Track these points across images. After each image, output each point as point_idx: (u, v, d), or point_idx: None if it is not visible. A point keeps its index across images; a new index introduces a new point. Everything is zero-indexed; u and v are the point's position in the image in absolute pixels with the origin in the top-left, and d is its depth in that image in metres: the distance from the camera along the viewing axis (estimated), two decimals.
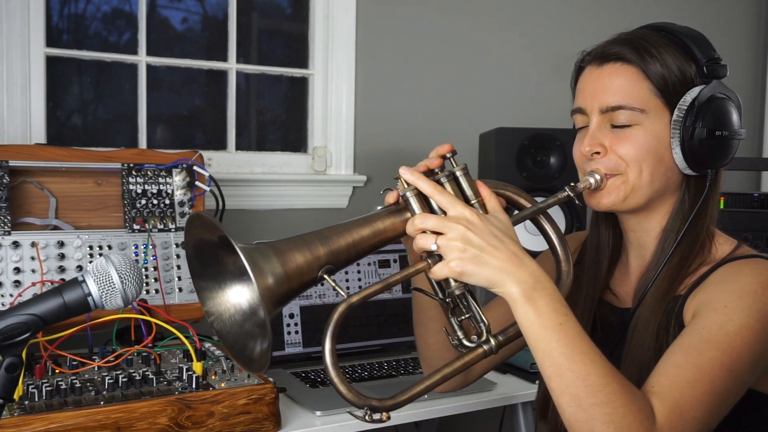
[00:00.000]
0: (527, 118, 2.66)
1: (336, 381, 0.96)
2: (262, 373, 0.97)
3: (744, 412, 1.10)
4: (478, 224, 1.00)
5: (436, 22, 2.63)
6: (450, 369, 1.04)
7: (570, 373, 0.97)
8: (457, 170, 1.08)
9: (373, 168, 2.52)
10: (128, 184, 1.87)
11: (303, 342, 1.96)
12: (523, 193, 1.16)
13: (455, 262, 0.99)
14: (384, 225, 1.05)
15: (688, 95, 1.13)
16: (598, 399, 0.95)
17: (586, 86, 1.20)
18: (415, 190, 1.04)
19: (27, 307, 1.00)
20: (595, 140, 1.16)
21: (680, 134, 1.13)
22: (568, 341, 0.98)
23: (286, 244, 0.98)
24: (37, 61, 2.09)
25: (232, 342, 1.02)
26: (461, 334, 1.07)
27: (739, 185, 3.30)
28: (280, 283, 0.94)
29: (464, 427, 2.63)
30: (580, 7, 2.89)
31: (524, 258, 1.01)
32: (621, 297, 1.27)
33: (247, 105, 2.52)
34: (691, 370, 1.01)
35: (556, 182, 2.22)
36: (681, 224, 1.17)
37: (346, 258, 1.02)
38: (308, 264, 0.98)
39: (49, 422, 1.31)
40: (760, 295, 1.06)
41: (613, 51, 1.16)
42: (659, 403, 0.98)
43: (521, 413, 1.94)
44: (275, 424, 1.51)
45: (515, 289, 0.99)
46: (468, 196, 1.07)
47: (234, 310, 1.02)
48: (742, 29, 3.30)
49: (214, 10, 2.45)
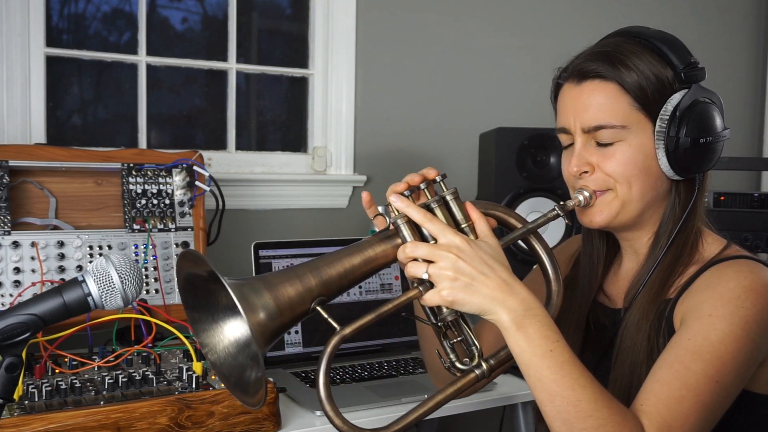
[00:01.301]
0: (527, 118, 2.66)
1: (331, 414, 0.97)
2: (258, 407, 0.97)
3: (738, 413, 1.11)
4: (469, 252, 1.01)
5: (436, 23, 2.63)
6: (442, 396, 1.04)
7: (561, 399, 0.98)
8: (447, 194, 1.08)
9: (373, 168, 2.52)
10: (128, 184, 1.87)
11: (303, 342, 1.96)
12: (512, 213, 1.16)
13: (446, 291, 1.00)
14: (375, 252, 1.05)
15: (668, 104, 1.13)
16: (589, 424, 0.97)
17: (566, 106, 1.19)
18: (405, 217, 1.04)
19: (27, 307, 1.00)
20: (582, 160, 1.16)
21: (665, 144, 1.13)
22: (558, 368, 0.99)
23: (277, 278, 0.98)
24: (37, 61, 2.09)
25: (226, 374, 1.01)
26: (453, 356, 1.08)
27: (739, 185, 3.30)
28: (272, 318, 0.94)
29: (464, 427, 2.63)
30: (579, 7, 2.89)
31: (514, 285, 1.02)
32: (612, 298, 1.28)
33: (247, 105, 2.52)
34: (677, 386, 1.02)
35: (556, 182, 2.22)
36: (672, 227, 1.17)
37: (338, 288, 1.02)
38: (300, 297, 0.98)
39: (48, 422, 1.31)
40: (743, 300, 1.06)
41: (591, 68, 1.15)
42: (648, 422, 1.00)
43: (521, 413, 1.94)
44: (275, 424, 1.51)
45: (506, 317, 1.00)
46: (458, 220, 1.07)
47: (228, 342, 1.02)
48: (742, 29, 3.30)
49: (214, 10, 2.45)
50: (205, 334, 1.02)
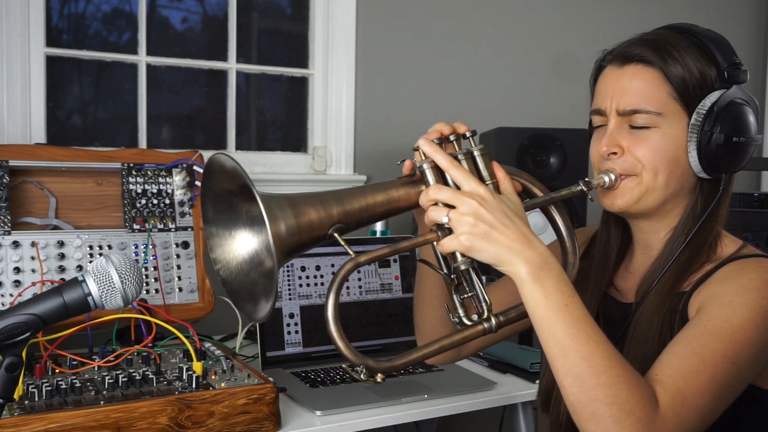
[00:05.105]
0: (527, 118, 2.66)
1: (335, 336, 0.96)
2: (264, 319, 0.98)
3: (745, 409, 1.10)
4: (491, 202, 1.01)
5: (435, 22, 2.63)
6: (448, 341, 1.04)
7: (574, 353, 0.97)
8: (476, 150, 1.08)
9: (373, 168, 2.52)
10: (128, 183, 1.87)
11: (303, 342, 1.96)
12: (537, 182, 1.17)
13: (465, 236, 0.99)
14: (398, 193, 1.06)
15: (707, 99, 1.13)
16: (602, 380, 0.96)
17: (605, 87, 1.19)
18: (431, 163, 1.05)
19: (27, 306, 1.00)
20: (613, 141, 1.16)
21: (698, 138, 1.13)
22: (573, 322, 0.98)
23: (302, 199, 0.99)
24: (37, 61, 2.09)
25: (236, 290, 1.02)
26: (462, 312, 1.07)
27: (739, 185, 3.30)
28: (291, 234, 0.96)
29: (464, 427, 2.63)
30: (580, 7, 2.89)
31: (533, 239, 1.02)
32: (623, 292, 1.27)
33: (247, 105, 2.52)
34: (694, 360, 1.02)
35: (556, 182, 2.22)
36: (692, 226, 1.18)
37: (357, 220, 1.03)
38: (320, 220, 0.99)
39: (48, 422, 1.31)
40: (764, 292, 1.06)
41: (636, 52, 1.16)
42: (662, 390, 0.99)
43: (521, 413, 1.94)
44: (275, 424, 1.51)
45: (523, 268, 1.00)
46: (483, 177, 1.07)
47: (242, 258, 1.03)
48: (742, 29, 3.30)
49: (214, 10, 2.45)
50: (220, 250, 1.03)
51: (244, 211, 1.01)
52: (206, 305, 1.89)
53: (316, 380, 1.81)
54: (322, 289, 2.00)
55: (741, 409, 1.09)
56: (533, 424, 1.94)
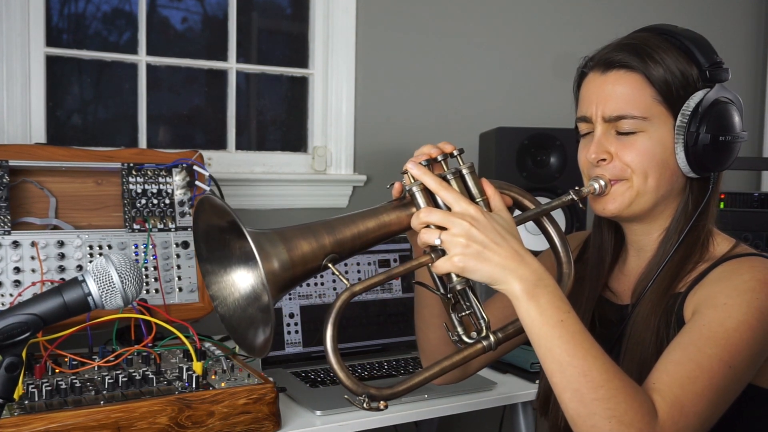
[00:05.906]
0: (527, 118, 2.66)
1: (336, 368, 0.97)
2: (264, 354, 0.99)
3: (745, 408, 1.11)
4: (482, 221, 1.01)
5: (436, 22, 2.63)
6: (449, 362, 1.05)
7: (572, 369, 0.98)
8: (464, 168, 1.09)
9: (373, 168, 2.52)
10: (128, 183, 1.87)
11: (303, 342, 1.96)
12: (527, 194, 1.17)
13: (458, 257, 1.00)
14: (389, 218, 1.07)
15: (691, 100, 1.14)
16: (600, 394, 0.96)
17: (589, 94, 1.20)
18: (421, 185, 1.05)
19: (27, 306, 1.00)
20: (600, 147, 1.17)
21: (684, 139, 1.14)
22: (569, 338, 0.99)
23: (293, 232, 1.00)
24: (37, 61, 2.09)
25: (235, 326, 1.03)
26: (461, 329, 1.08)
27: (739, 185, 3.30)
28: (285, 269, 0.96)
29: (464, 427, 2.63)
30: (580, 7, 2.89)
31: (526, 256, 1.02)
32: (619, 294, 1.28)
33: (247, 105, 2.52)
34: (691, 366, 1.02)
35: (556, 182, 2.22)
36: (684, 225, 1.18)
37: (350, 248, 1.04)
38: (313, 252, 1.00)
39: (49, 422, 1.31)
40: (758, 293, 1.07)
41: (618, 58, 1.16)
42: (660, 399, 0.99)
43: (521, 413, 1.94)
44: (275, 424, 1.51)
45: (517, 286, 1.00)
46: (473, 194, 1.08)
47: (238, 294, 1.03)
48: (742, 29, 3.30)
49: (214, 10, 2.45)
50: (217, 287, 1.04)
51: (237, 248, 1.02)
52: (206, 305, 1.89)
53: (316, 380, 1.81)
54: (321, 289, 2.00)
55: (740, 408, 1.09)
56: (533, 424, 1.94)
